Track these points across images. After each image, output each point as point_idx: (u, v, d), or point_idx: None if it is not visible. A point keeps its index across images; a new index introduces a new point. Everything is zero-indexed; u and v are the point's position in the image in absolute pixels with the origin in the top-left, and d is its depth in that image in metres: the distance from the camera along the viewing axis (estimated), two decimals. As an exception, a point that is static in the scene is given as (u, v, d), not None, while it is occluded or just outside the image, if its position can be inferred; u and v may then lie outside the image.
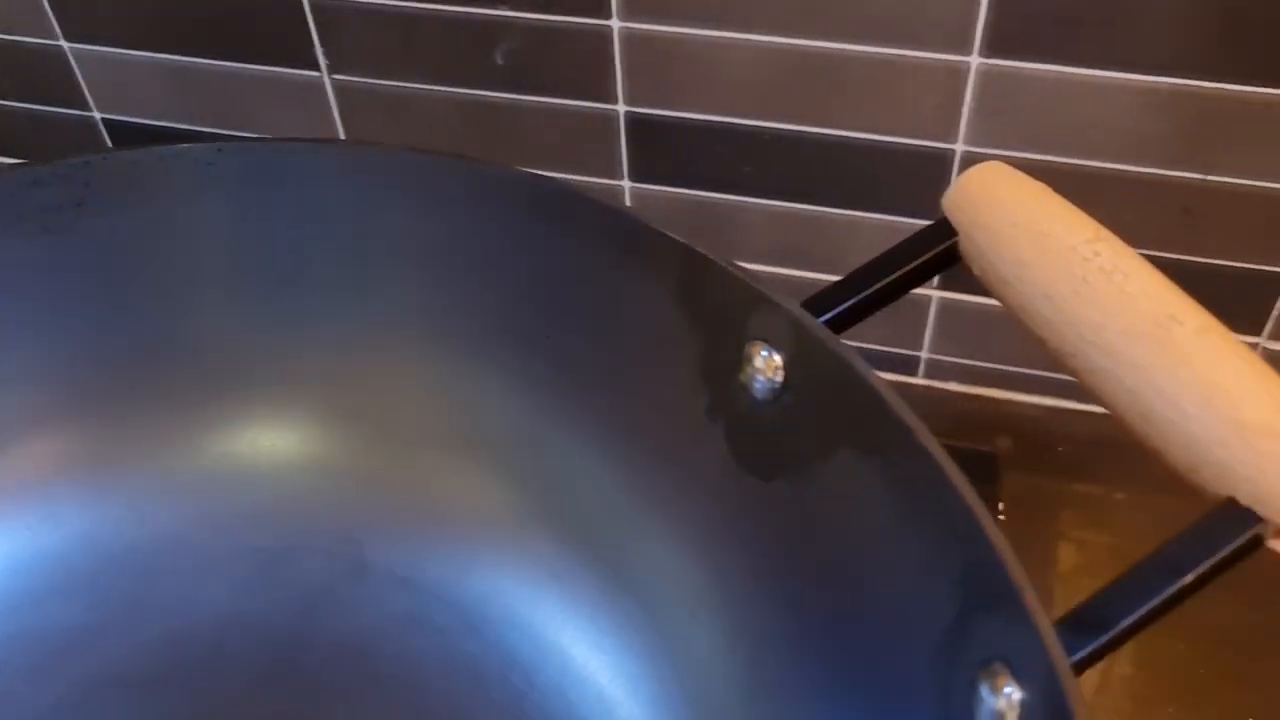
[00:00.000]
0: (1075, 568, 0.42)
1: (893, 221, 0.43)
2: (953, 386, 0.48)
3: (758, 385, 0.28)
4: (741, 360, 0.28)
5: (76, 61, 0.48)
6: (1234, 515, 0.21)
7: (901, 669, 0.24)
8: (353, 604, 0.33)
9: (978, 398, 0.48)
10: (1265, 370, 0.22)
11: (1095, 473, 0.46)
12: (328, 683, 0.33)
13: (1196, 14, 0.35)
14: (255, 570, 0.34)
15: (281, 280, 0.31)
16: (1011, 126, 0.39)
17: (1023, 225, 0.25)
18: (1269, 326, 0.42)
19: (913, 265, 0.27)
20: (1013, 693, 0.21)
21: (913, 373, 0.48)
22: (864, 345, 0.48)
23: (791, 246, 0.45)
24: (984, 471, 0.45)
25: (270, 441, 0.32)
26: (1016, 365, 0.47)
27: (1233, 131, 0.37)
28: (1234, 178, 0.38)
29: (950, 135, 0.40)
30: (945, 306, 0.45)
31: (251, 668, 0.33)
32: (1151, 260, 0.41)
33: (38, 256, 0.32)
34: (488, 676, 0.31)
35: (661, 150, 0.43)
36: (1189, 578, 0.21)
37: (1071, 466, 0.46)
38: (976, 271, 0.26)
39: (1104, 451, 0.47)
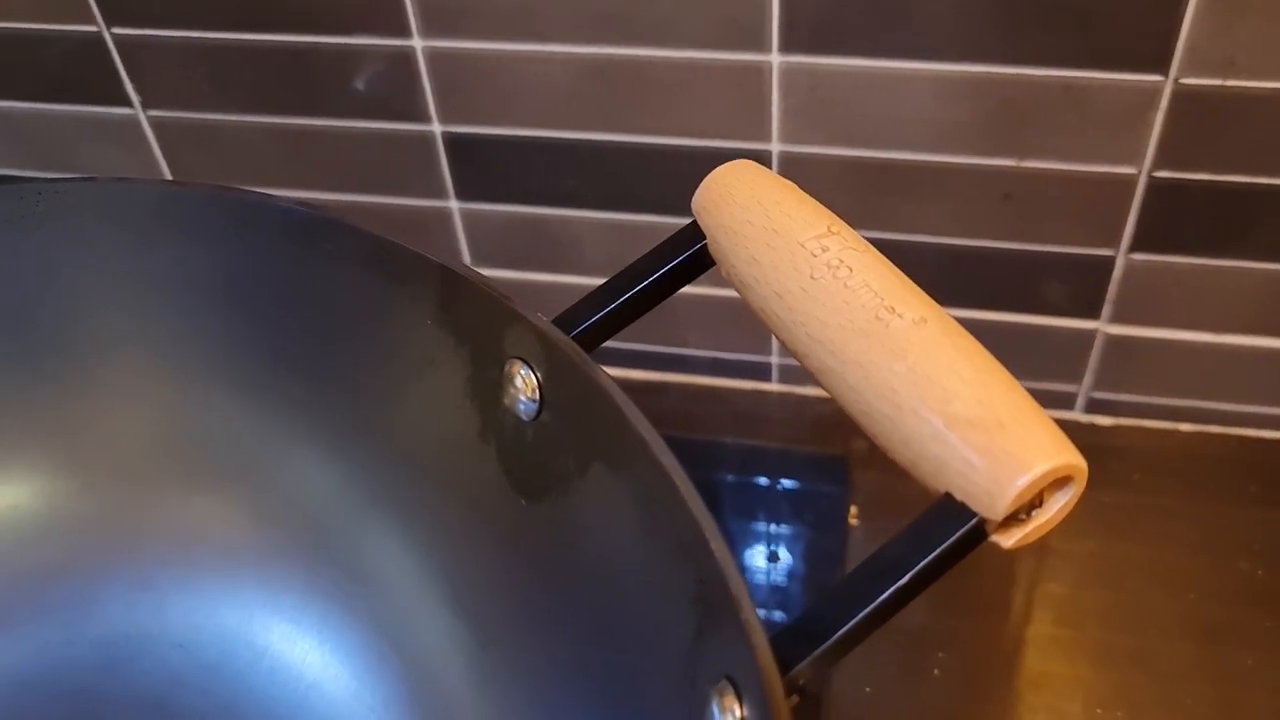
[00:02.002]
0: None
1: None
2: (809, 391, 0.47)
3: (521, 406, 0.27)
4: (504, 380, 0.27)
5: (-110, 112, 0.47)
6: (951, 510, 0.20)
7: (648, 686, 0.23)
8: (152, 654, 0.32)
9: (833, 401, 0.47)
10: (980, 358, 0.21)
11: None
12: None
13: (985, 1, 0.35)
14: (45, 627, 0.32)
15: (37, 321, 0.30)
16: (823, 123, 0.39)
17: (758, 224, 0.24)
18: (1106, 310, 0.42)
19: (663, 271, 0.26)
20: (737, 710, 0.20)
21: (766, 379, 0.47)
22: (714, 353, 0.47)
23: (624, 257, 0.44)
24: (836, 474, 0.44)
25: (38, 490, 0.31)
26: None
27: (1037, 116, 0.37)
28: (1047, 162, 0.38)
29: (764, 135, 0.39)
30: (789, 309, 0.45)
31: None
32: (977, 250, 0.41)
33: None
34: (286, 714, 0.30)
35: (483, 168, 0.42)
36: (906, 578, 0.20)
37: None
38: (724, 273, 0.25)
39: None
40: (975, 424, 0.20)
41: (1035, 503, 0.20)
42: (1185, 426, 0.44)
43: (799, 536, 0.43)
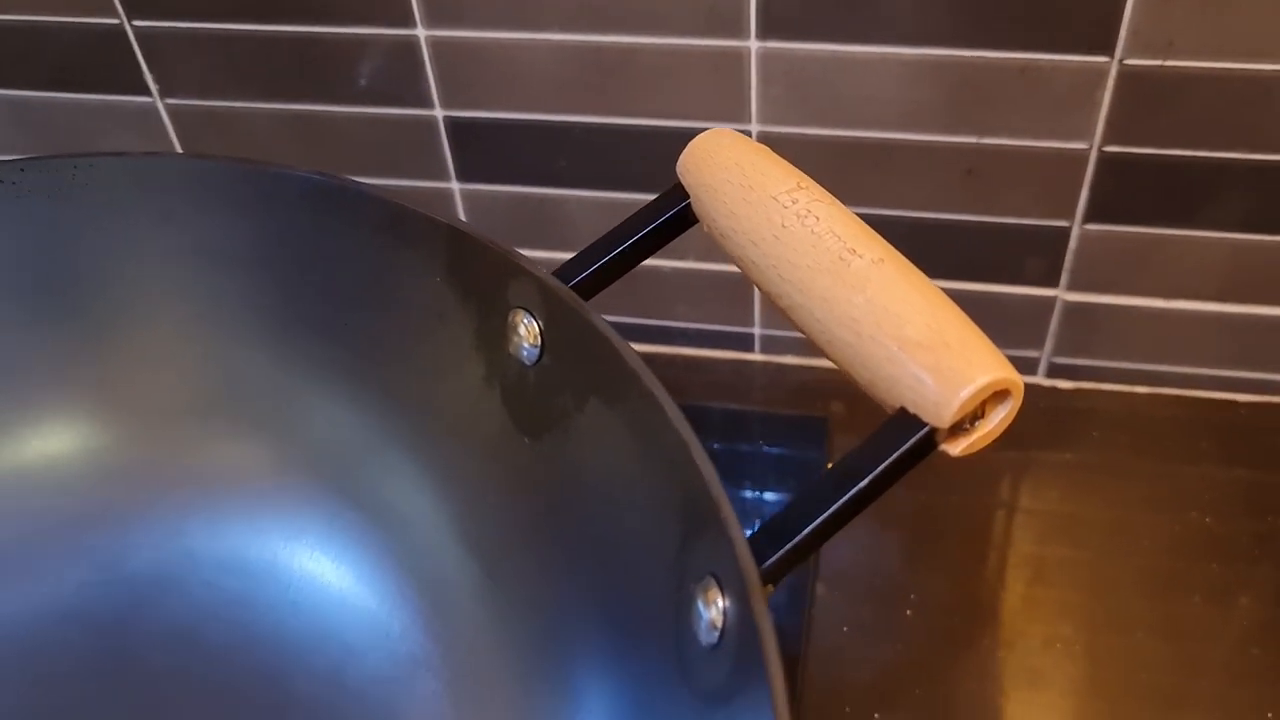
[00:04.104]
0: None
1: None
2: (789, 360, 0.50)
3: (524, 352, 0.30)
4: (508, 330, 0.30)
5: (-82, 102, 0.49)
6: (904, 423, 0.23)
7: (640, 593, 0.26)
8: (179, 591, 0.35)
9: (813, 369, 0.50)
10: (930, 292, 0.24)
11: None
12: (157, 666, 0.34)
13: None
14: (82, 569, 0.35)
15: (72, 285, 0.33)
16: (798, 104, 0.42)
17: (735, 182, 0.27)
18: (1064, 278, 0.45)
19: (651, 227, 0.29)
20: (720, 602, 0.23)
21: (749, 349, 0.50)
22: (697, 325, 0.50)
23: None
24: (815, 435, 0.47)
25: (78, 438, 0.34)
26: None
27: (995, 96, 0.40)
28: (1006, 139, 0.41)
29: (743, 116, 0.42)
30: (769, 282, 0.48)
31: (82, 661, 0.34)
32: (943, 223, 0.44)
33: None
34: (307, 647, 0.33)
35: (483, 150, 0.45)
36: (865, 482, 0.23)
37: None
38: (706, 229, 0.28)
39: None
40: (925, 346, 0.23)
41: (978, 414, 0.23)
42: (1141, 389, 0.48)
43: (781, 497, 0.45)
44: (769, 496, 0.46)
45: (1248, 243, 0.42)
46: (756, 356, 0.50)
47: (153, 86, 0.46)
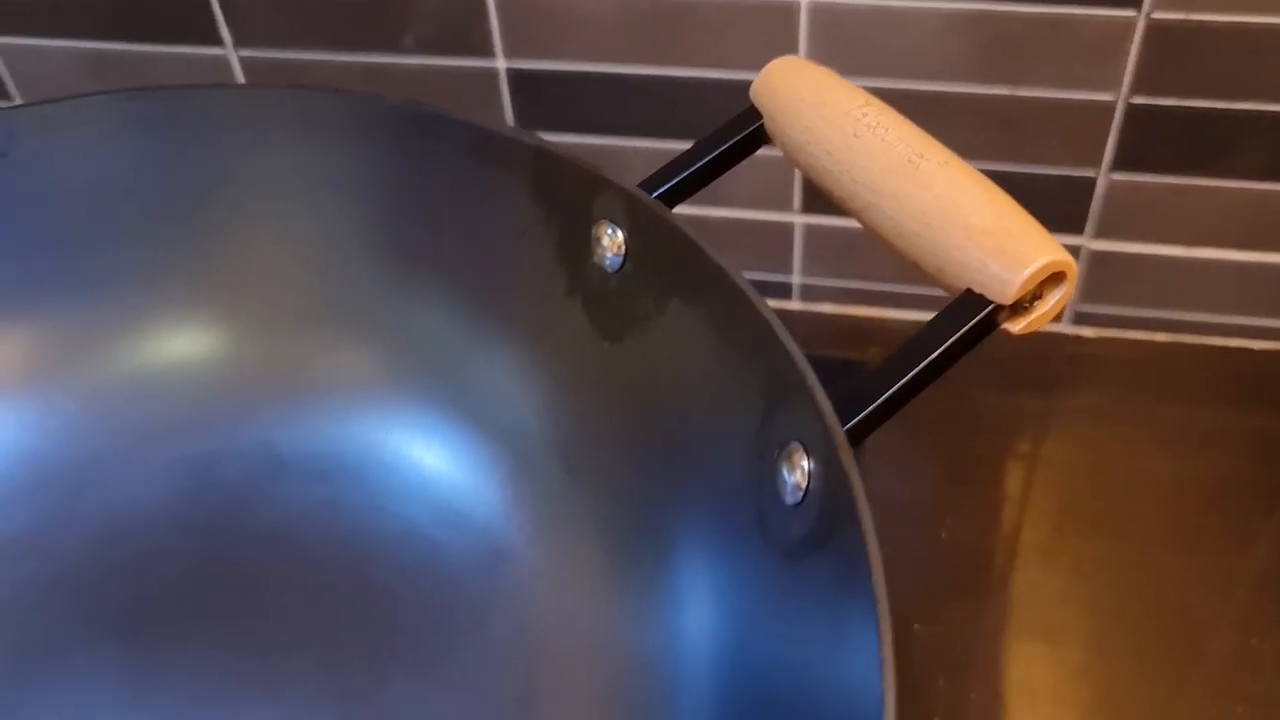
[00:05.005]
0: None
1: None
2: (827, 308, 0.53)
3: (607, 261, 0.32)
4: (592, 241, 0.32)
5: (-1, 54, 0.52)
6: (970, 302, 0.25)
7: (722, 471, 0.28)
8: (272, 498, 0.37)
9: (851, 317, 0.53)
10: (992, 188, 0.26)
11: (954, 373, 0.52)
12: (253, 569, 0.36)
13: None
14: (180, 476, 0.37)
15: (185, 205, 0.35)
16: (843, 57, 0.44)
17: (809, 100, 0.29)
18: (1089, 227, 0.47)
19: (728, 145, 0.31)
20: (805, 464, 0.26)
21: (788, 297, 0.53)
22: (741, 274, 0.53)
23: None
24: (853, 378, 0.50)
25: (185, 347, 0.36)
26: (884, 283, 0.52)
27: (1028, 49, 0.42)
28: (1038, 91, 0.44)
29: (792, 68, 0.45)
30: (810, 231, 0.50)
31: (182, 564, 0.37)
32: (981, 171, 0.46)
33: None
34: (395, 544, 0.35)
35: (542, 100, 0.48)
36: (935, 354, 0.25)
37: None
38: (778, 145, 0.31)
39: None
40: (990, 232, 0.25)
41: (1036, 295, 0.25)
42: (1160, 336, 0.50)
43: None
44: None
45: (1269, 191, 0.44)
46: (795, 304, 0.52)
47: (227, 37, 0.48)
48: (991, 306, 0.25)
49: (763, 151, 0.35)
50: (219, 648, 0.35)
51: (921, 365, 0.25)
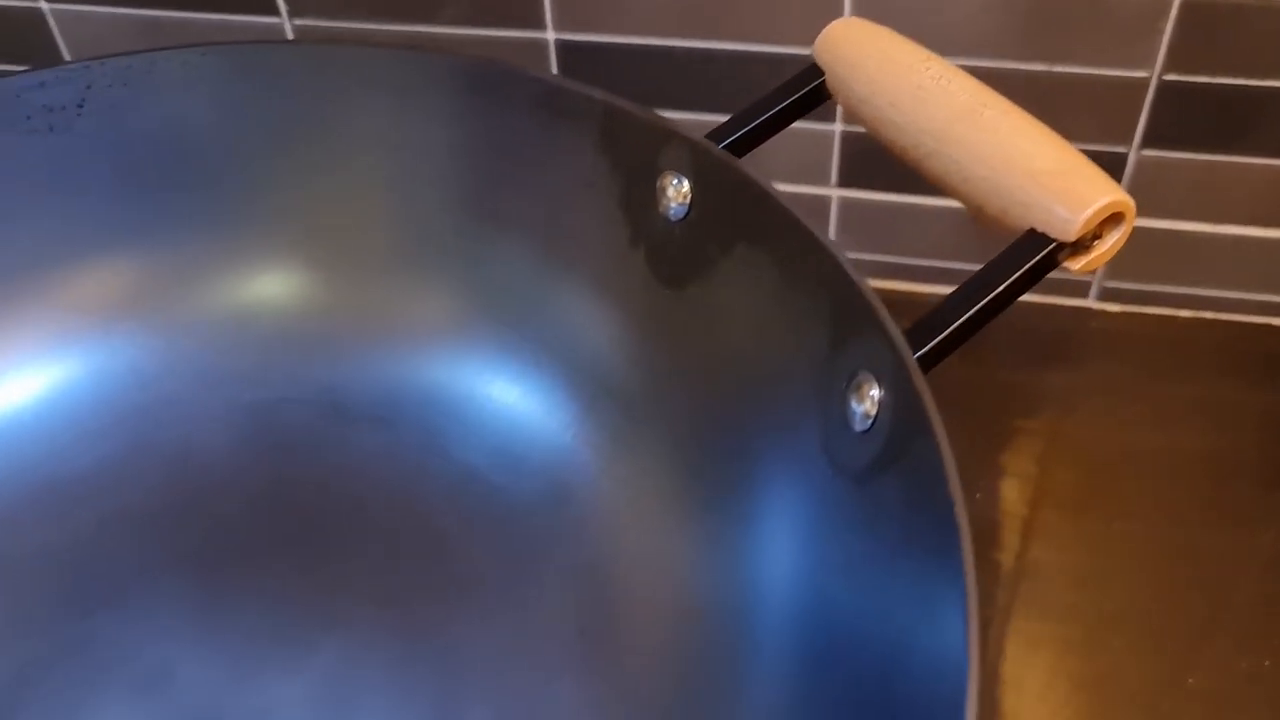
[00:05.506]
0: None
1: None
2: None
3: (672, 211, 0.33)
4: (657, 192, 0.34)
5: (55, 21, 0.53)
6: (1032, 241, 0.27)
7: (788, 404, 0.29)
8: (334, 444, 0.38)
9: (886, 290, 0.54)
10: (1053, 134, 0.28)
11: (979, 348, 0.53)
12: (317, 511, 0.37)
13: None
14: (246, 420, 0.38)
15: (264, 157, 0.37)
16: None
17: (874, 55, 0.31)
18: (1119, 203, 0.49)
19: (792, 99, 0.33)
20: (875, 393, 0.27)
21: (821, 270, 0.54)
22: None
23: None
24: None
25: (262, 291, 0.38)
26: (919, 258, 0.53)
27: (1065, 26, 0.44)
28: (1074, 67, 0.45)
29: (835, 42, 0.46)
30: (845, 204, 0.51)
31: (247, 504, 0.38)
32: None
33: (48, 150, 0.37)
34: (457, 486, 0.36)
35: (590, 72, 0.49)
36: (1000, 288, 0.26)
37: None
38: (840, 99, 0.32)
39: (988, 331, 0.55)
40: (1054, 173, 0.26)
41: (1096, 234, 0.27)
42: (1184, 312, 0.51)
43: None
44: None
45: (1294, 168, 0.46)
46: (827, 278, 0.54)
47: (283, 7, 0.50)
48: (1054, 244, 0.26)
49: (800, 124, 0.36)
50: (284, 585, 0.36)
51: (987, 299, 0.26)
